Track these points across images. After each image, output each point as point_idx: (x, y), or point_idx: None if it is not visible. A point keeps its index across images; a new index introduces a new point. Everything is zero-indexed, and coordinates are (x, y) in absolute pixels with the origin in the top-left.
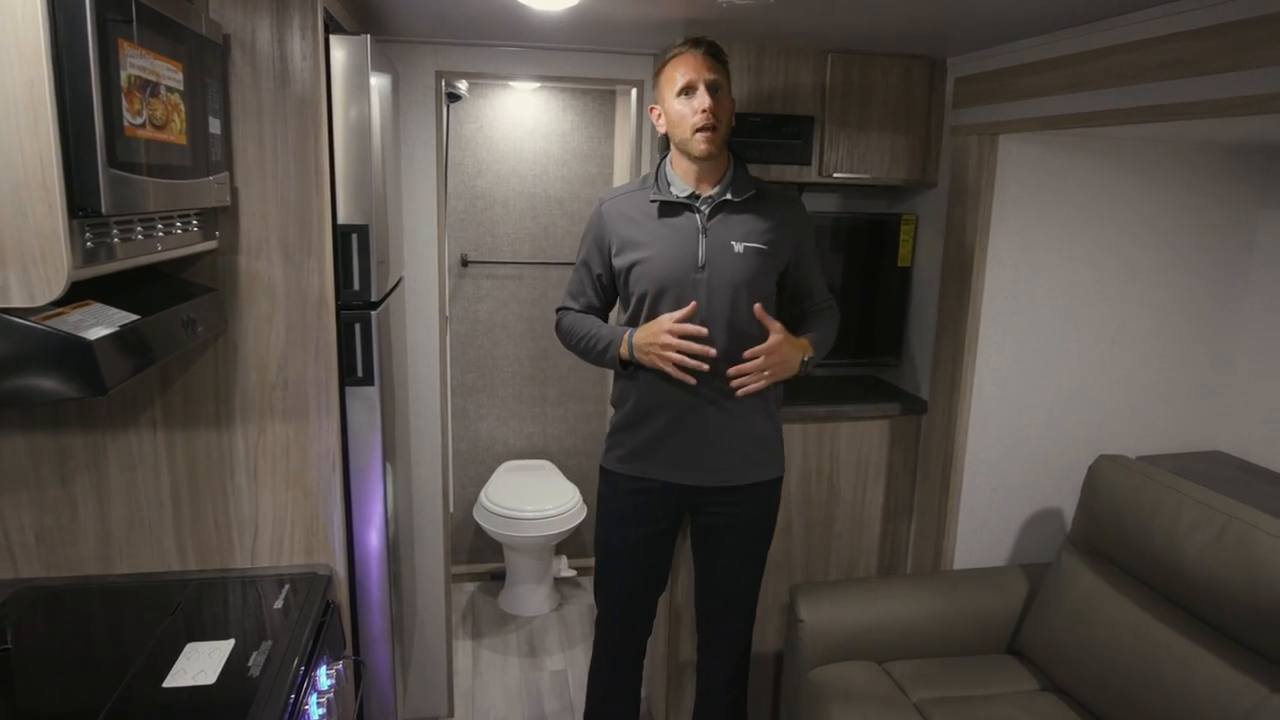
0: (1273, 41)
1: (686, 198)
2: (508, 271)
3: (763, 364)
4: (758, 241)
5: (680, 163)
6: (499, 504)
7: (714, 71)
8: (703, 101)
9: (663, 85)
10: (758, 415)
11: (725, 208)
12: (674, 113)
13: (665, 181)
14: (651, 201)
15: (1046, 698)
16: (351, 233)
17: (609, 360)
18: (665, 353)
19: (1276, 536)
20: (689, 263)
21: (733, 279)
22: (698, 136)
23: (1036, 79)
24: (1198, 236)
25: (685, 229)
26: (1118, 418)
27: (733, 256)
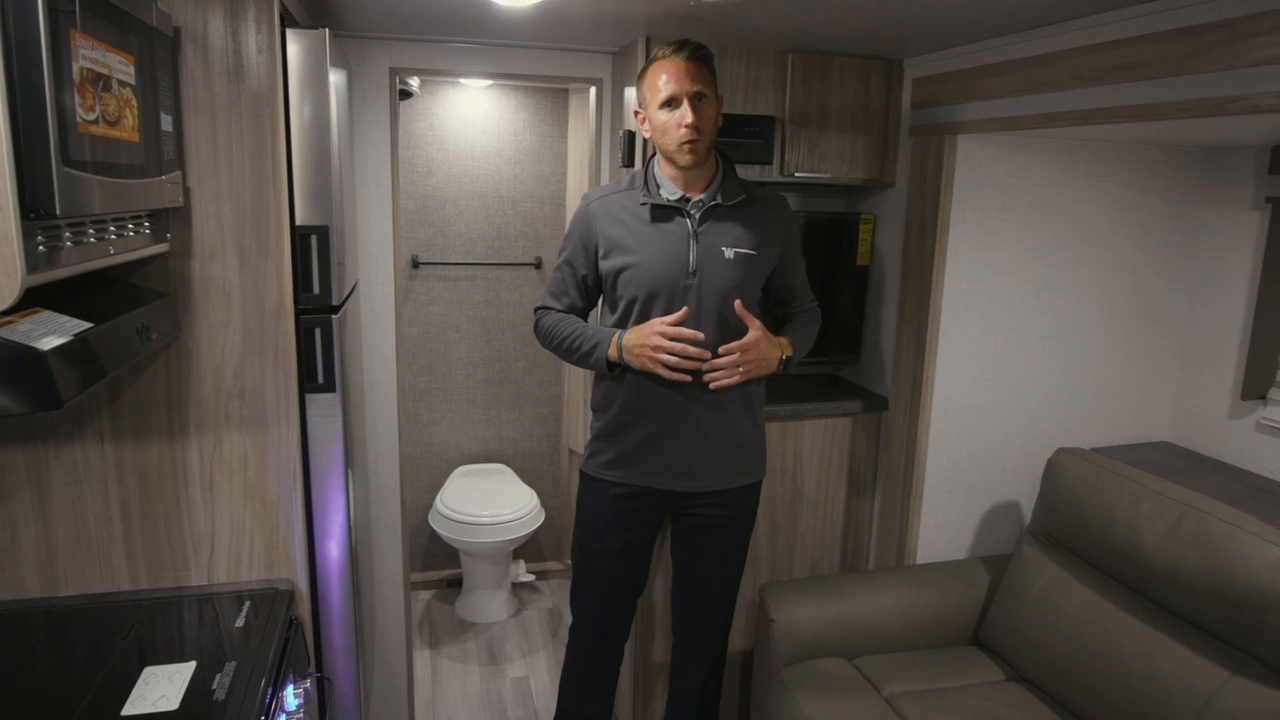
0: (1227, 46)
1: (677, 201)
2: (460, 273)
3: (738, 360)
4: (747, 247)
5: (668, 167)
6: (455, 509)
7: (698, 81)
8: (685, 116)
9: (646, 92)
10: (742, 419)
11: (715, 212)
12: (658, 123)
13: (655, 184)
14: (642, 204)
15: (1013, 687)
16: (311, 234)
17: (595, 362)
18: (658, 354)
19: (1231, 524)
20: (680, 268)
21: (723, 285)
22: (683, 148)
23: (996, 80)
24: (1143, 234)
25: (676, 234)
26: (1070, 411)
27: (723, 262)
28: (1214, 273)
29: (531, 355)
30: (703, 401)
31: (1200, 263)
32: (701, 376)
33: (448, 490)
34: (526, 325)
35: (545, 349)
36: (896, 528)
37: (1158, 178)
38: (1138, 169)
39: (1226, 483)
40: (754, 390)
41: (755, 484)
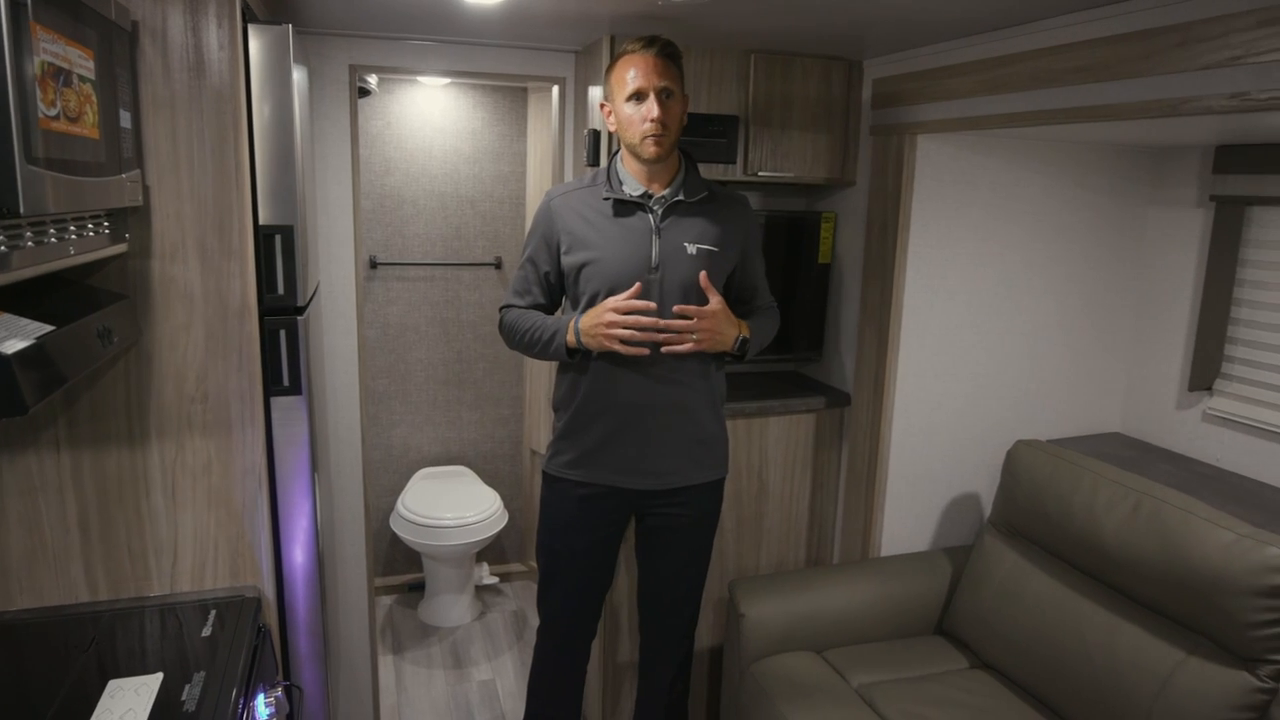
0: (1180, 50)
1: (640, 197)
2: (419, 273)
3: (694, 325)
4: (710, 243)
5: (632, 162)
6: (417, 512)
7: (665, 77)
8: (651, 110)
9: (613, 85)
10: (704, 415)
11: (678, 209)
12: (623, 116)
13: (618, 180)
14: (605, 199)
15: (977, 674)
16: (275, 234)
17: (555, 350)
18: (612, 330)
19: (1185, 510)
20: (642, 263)
21: (685, 280)
22: (646, 141)
23: (957, 81)
24: (1094, 232)
25: (639, 229)
26: (1027, 404)
27: (685, 258)
28: (1161, 269)
29: (492, 356)
30: (664, 398)
31: (1148, 259)
32: (658, 377)
33: (409, 493)
34: (487, 326)
35: (510, 347)
36: (861, 521)
37: (1108, 177)
38: (1089, 168)
39: (1176, 471)
40: (715, 386)
41: (718, 481)
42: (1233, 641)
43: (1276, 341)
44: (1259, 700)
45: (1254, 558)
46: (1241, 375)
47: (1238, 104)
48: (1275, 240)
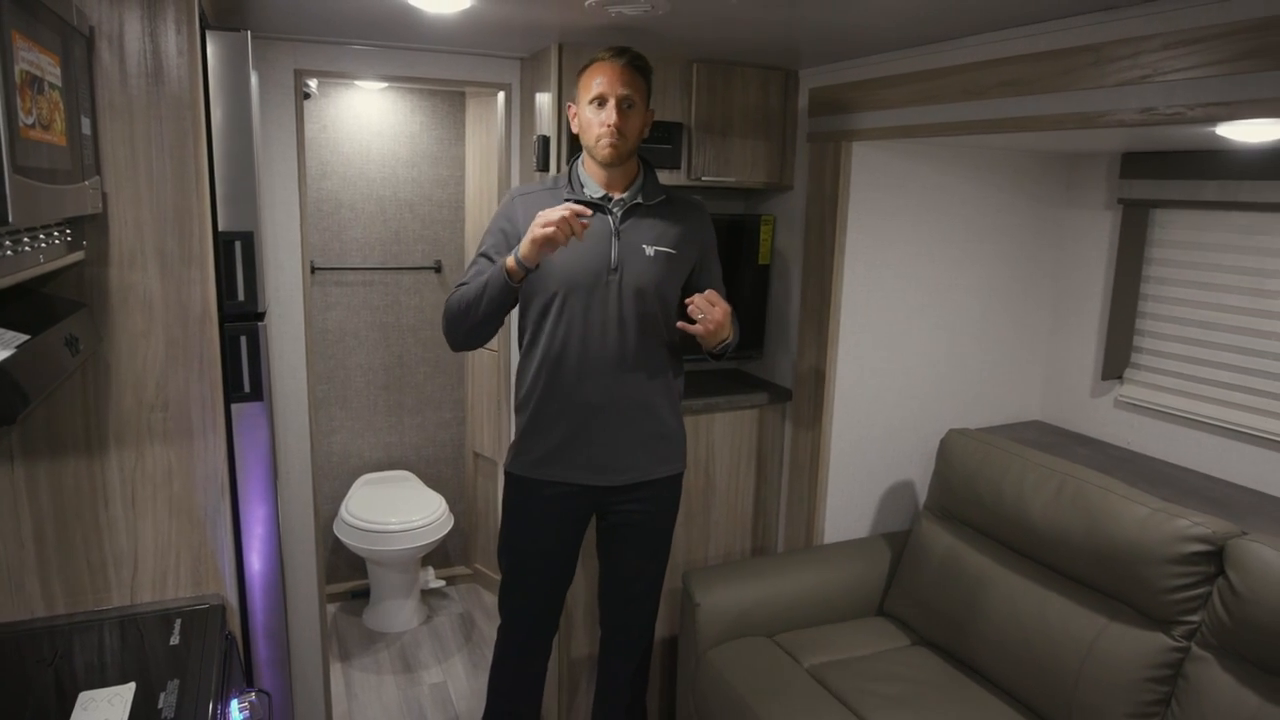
0: (1094, 68)
1: (600, 199)
2: (357, 278)
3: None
4: (667, 246)
5: (592, 166)
6: (362, 518)
7: (629, 86)
8: (609, 116)
9: (580, 89)
10: (664, 411)
11: (637, 211)
12: (584, 118)
13: (579, 182)
14: (566, 199)
15: (919, 650)
16: (235, 240)
17: (498, 285)
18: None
19: (1104, 489)
20: (601, 264)
21: (643, 281)
22: (601, 144)
23: (890, 92)
24: (1015, 232)
25: (598, 230)
26: (957, 396)
27: (644, 259)
28: (1075, 267)
29: (434, 359)
30: (626, 395)
31: (1063, 258)
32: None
33: (352, 499)
34: (428, 330)
35: (452, 328)
36: (804, 511)
37: (1027, 181)
38: (1010, 174)
39: (1092, 454)
40: (674, 383)
41: (676, 476)
42: (1150, 606)
43: (1179, 333)
44: (1174, 658)
45: (1166, 529)
46: (1149, 364)
47: (1146, 118)
48: (1176, 240)
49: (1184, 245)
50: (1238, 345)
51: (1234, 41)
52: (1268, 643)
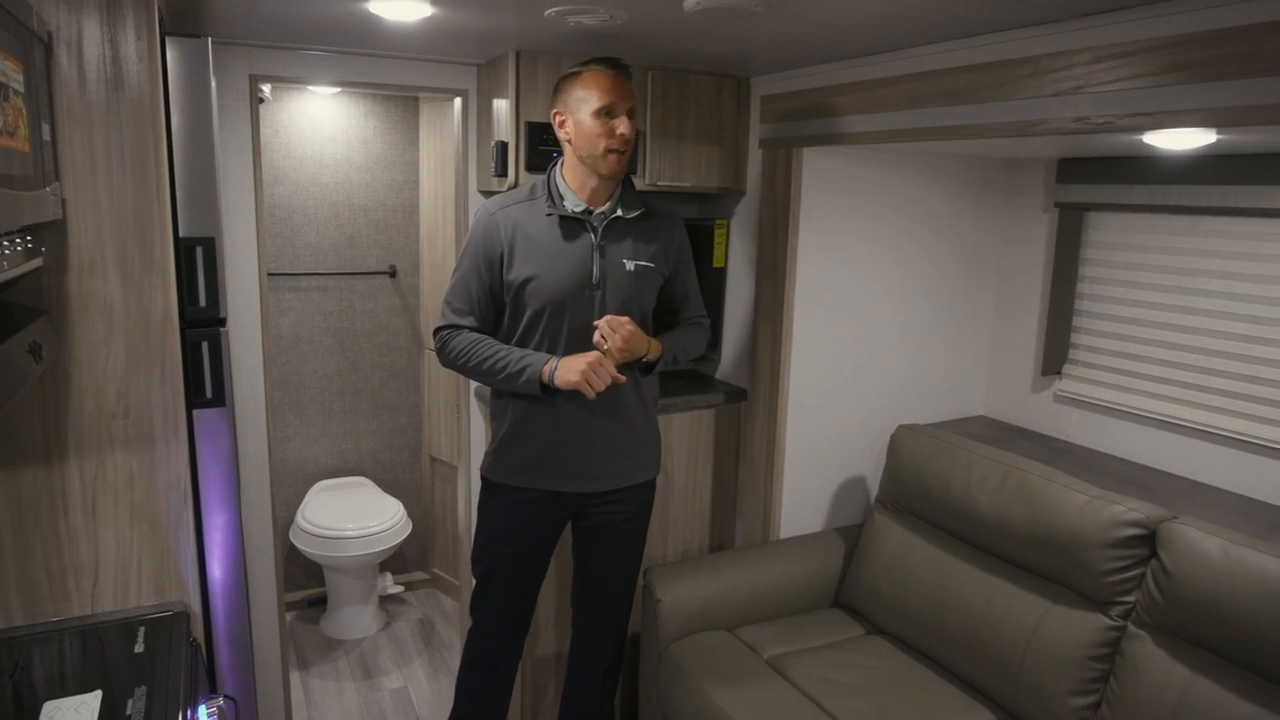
0: (1031, 79)
1: (581, 213)
2: (311, 283)
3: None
4: (646, 259)
5: (574, 176)
6: (318, 525)
7: (631, 98)
8: (623, 126)
9: (576, 98)
10: (639, 418)
11: (617, 225)
12: (588, 128)
13: (558, 194)
14: (548, 215)
15: (873, 639)
16: (196, 246)
17: (525, 383)
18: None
19: (1046, 479)
20: (584, 279)
21: (624, 296)
22: (610, 157)
23: (839, 100)
24: (958, 234)
25: (580, 246)
26: (905, 392)
27: (625, 274)
28: (1015, 267)
29: (389, 365)
30: (602, 404)
31: (1004, 259)
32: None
33: (308, 506)
34: (383, 335)
35: (451, 367)
36: (760, 507)
37: (969, 186)
38: (953, 178)
39: (1034, 447)
40: (646, 390)
41: (652, 480)
42: (1089, 589)
43: (1113, 330)
44: (1112, 637)
45: (1104, 515)
46: (1085, 360)
47: (1080, 126)
48: (1109, 241)
49: (1116, 246)
50: (1166, 341)
51: (1156, 57)
52: (1196, 619)
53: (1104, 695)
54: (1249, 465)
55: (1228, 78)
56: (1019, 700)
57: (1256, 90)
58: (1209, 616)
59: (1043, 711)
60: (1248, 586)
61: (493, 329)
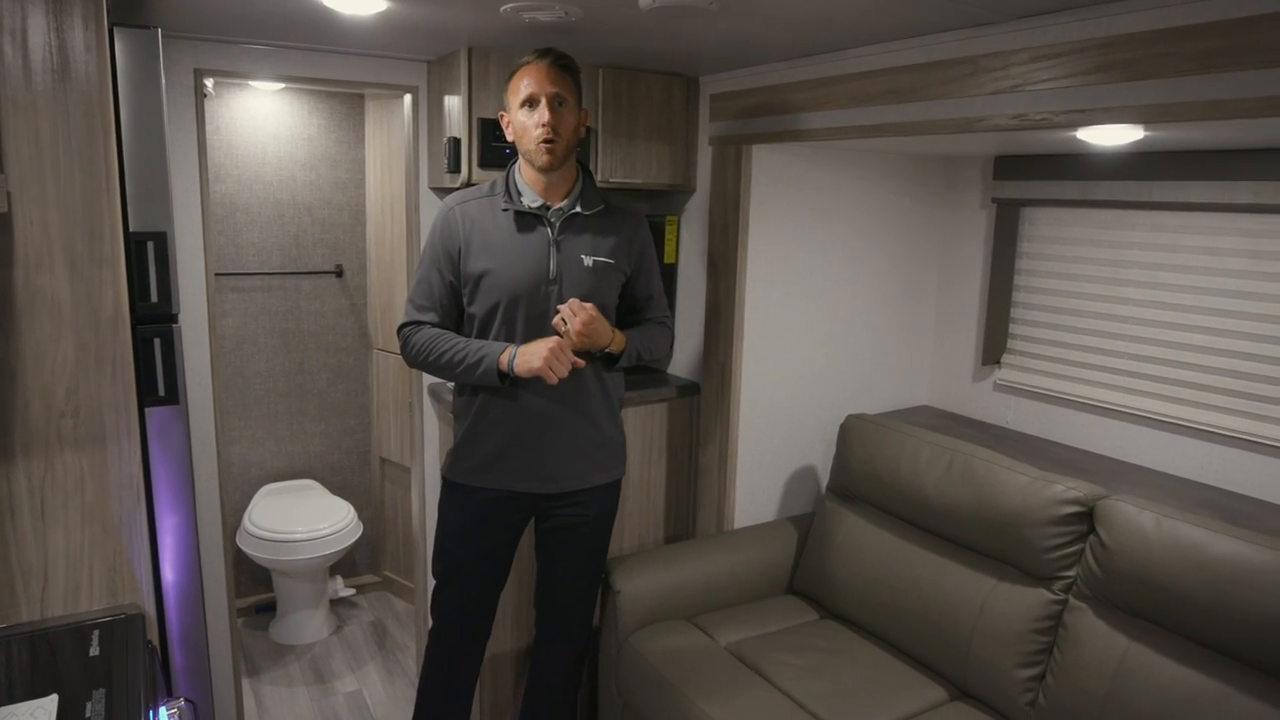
0: (970, 78)
1: (538, 208)
2: (255, 283)
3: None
4: (605, 255)
5: (528, 172)
6: (266, 528)
7: (557, 84)
8: (542, 116)
9: (510, 95)
10: (602, 419)
11: (574, 221)
12: (519, 124)
13: (516, 190)
14: (504, 210)
15: (828, 623)
16: (147, 240)
17: (484, 373)
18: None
19: (989, 462)
20: (541, 274)
21: (582, 291)
22: (540, 148)
23: (786, 98)
24: (901, 229)
25: (537, 241)
26: (852, 384)
27: (582, 270)
28: (955, 261)
29: (336, 365)
30: (564, 403)
31: (945, 253)
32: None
33: (255, 510)
34: (330, 335)
35: (413, 365)
36: (715, 498)
37: (910, 182)
38: (895, 175)
39: (976, 434)
40: (611, 389)
41: (616, 482)
42: (1032, 565)
43: (1048, 320)
44: (1054, 610)
45: (1045, 494)
46: (1022, 349)
47: (1018, 123)
48: (1043, 235)
49: (1050, 240)
50: (1098, 330)
51: (1087, 57)
52: (1132, 589)
53: (1048, 666)
54: (1175, 446)
55: (1153, 77)
56: (968, 675)
57: (1179, 89)
58: (1144, 587)
59: (991, 684)
60: (1179, 557)
61: (456, 325)
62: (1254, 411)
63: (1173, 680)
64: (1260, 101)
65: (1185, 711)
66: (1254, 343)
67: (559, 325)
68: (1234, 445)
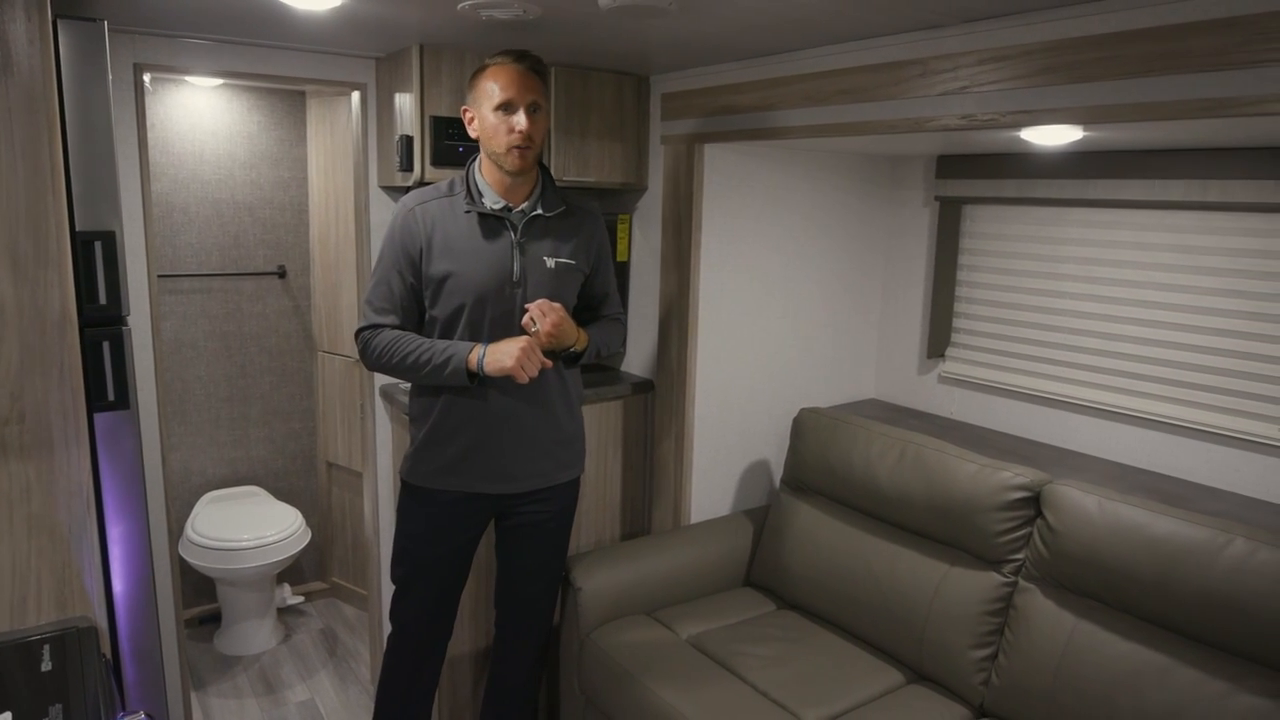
0: (921, 79)
1: (500, 210)
2: (194, 285)
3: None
4: (566, 256)
5: (491, 173)
6: (210, 537)
7: (534, 91)
8: (520, 122)
9: (480, 93)
10: (564, 416)
11: (537, 223)
12: (489, 125)
13: (477, 191)
14: (466, 212)
15: (785, 614)
16: (95, 240)
17: (451, 373)
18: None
19: (939, 451)
20: (505, 276)
21: (545, 292)
22: (511, 153)
23: (739, 98)
24: (848, 227)
25: (501, 243)
26: (801, 379)
27: (545, 271)
28: (901, 258)
29: (279, 368)
30: (527, 402)
31: (890, 249)
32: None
33: (198, 518)
34: (272, 337)
35: (374, 369)
36: (671, 494)
37: (856, 181)
38: (842, 174)
39: (923, 425)
40: (571, 387)
41: (577, 479)
42: (983, 550)
43: (989, 314)
44: (1005, 592)
45: (994, 481)
46: (965, 343)
47: (967, 123)
48: (984, 232)
49: (990, 237)
50: (1037, 323)
51: (1031, 60)
52: (1078, 569)
53: (1000, 646)
54: (1111, 432)
55: (1095, 79)
56: (924, 658)
57: (1120, 91)
58: (1089, 566)
59: (946, 666)
60: (1122, 537)
61: (416, 327)
62: (1184, 398)
63: (1118, 654)
64: (1195, 104)
65: (1130, 683)
66: (1183, 333)
67: (529, 325)
68: (1166, 430)
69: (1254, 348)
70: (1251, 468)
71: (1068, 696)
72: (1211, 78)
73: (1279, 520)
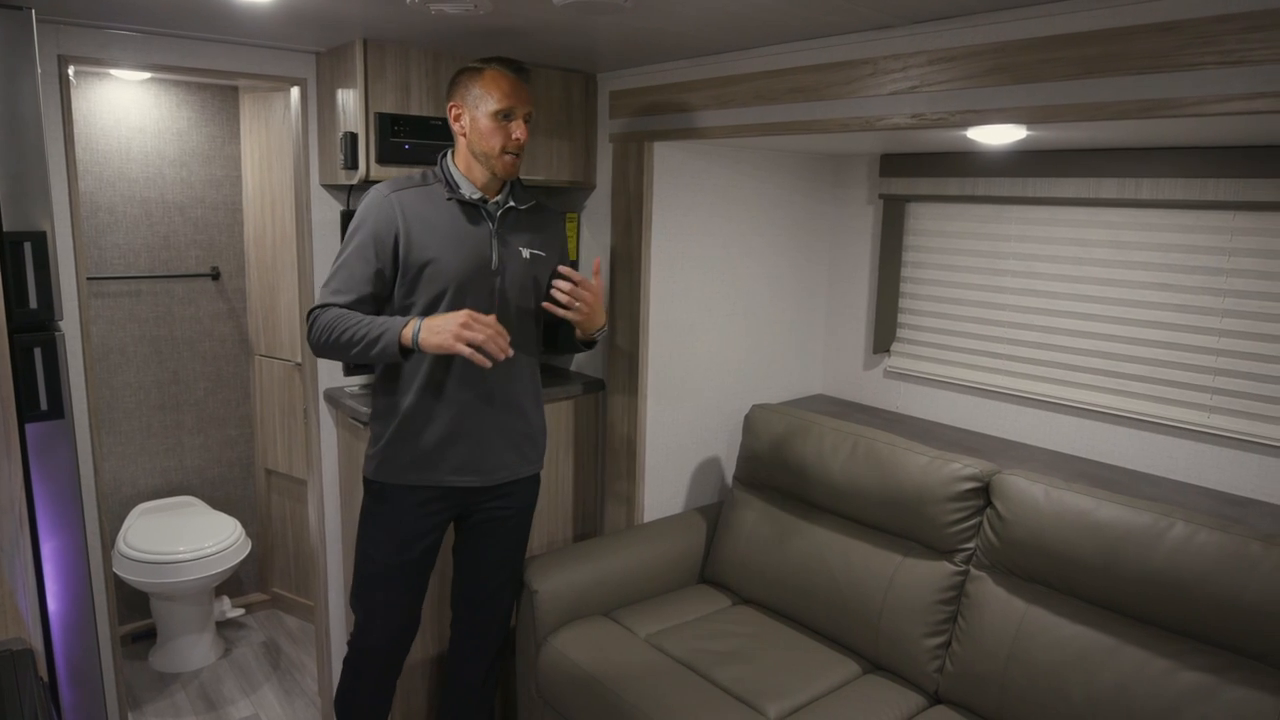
0: (872, 78)
1: (476, 200)
2: (122, 288)
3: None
4: (538, 248)
5: (469, 168)
6: (144, 550)
7: (529, 102)
8: (520, 132)
9: (475, 95)
10: (530, 409)
11: (511, 215)
12: (485, 128)
13: (454, 182)
14: (448, 200)
15: (741, 609)
16: (24, 241)
17: (384, 348)
18: (464, 331)
19: (890, 444)
20: (484, 264)
21: (522, 281)
22: (506, 158)
23: (689, 96)
24: (794, 225)
25: (480, 231)
26: (750, 376)
27: (521, 261)
28: (846, 255)
29: (214, 374)
30: (496, 395)
31: (836, 247)
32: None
33: (130, 531)
34: (206, 342)
35: (319, 351)
36: (624, 493)
37: (802, 179)
38: (788, 172)
39: (870, 419)
40: (538, 382)
41: (539, 474)
42: (935, 540)
43: (933, 309)
44: (957, 581)
45: (944, 472)
46: (910, 338)
47: (917, 122)
48: (927, 229)
49: (933, 234)
50: (979, 317)
51: (978, 60)
52: (1027, 556)
53: (953, 633)
54: (1051, 422)
55: (1040, 80)
56: (879, 648)
57: (1063, 91)
58: (1038, 552)
59: (901, 655)
60: (1067, 523)
61: (373, 312)
62: (1120, 389)
63: (1068, 637)
64: (1135, 104)
65: (1080, 664)
66: (1118, 325)
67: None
68: (1102, 419)
69: (1183, 338)
70: (1183, 453)
71: (1020, 679)
72: (1151, 79)
73: (1214, 503)
